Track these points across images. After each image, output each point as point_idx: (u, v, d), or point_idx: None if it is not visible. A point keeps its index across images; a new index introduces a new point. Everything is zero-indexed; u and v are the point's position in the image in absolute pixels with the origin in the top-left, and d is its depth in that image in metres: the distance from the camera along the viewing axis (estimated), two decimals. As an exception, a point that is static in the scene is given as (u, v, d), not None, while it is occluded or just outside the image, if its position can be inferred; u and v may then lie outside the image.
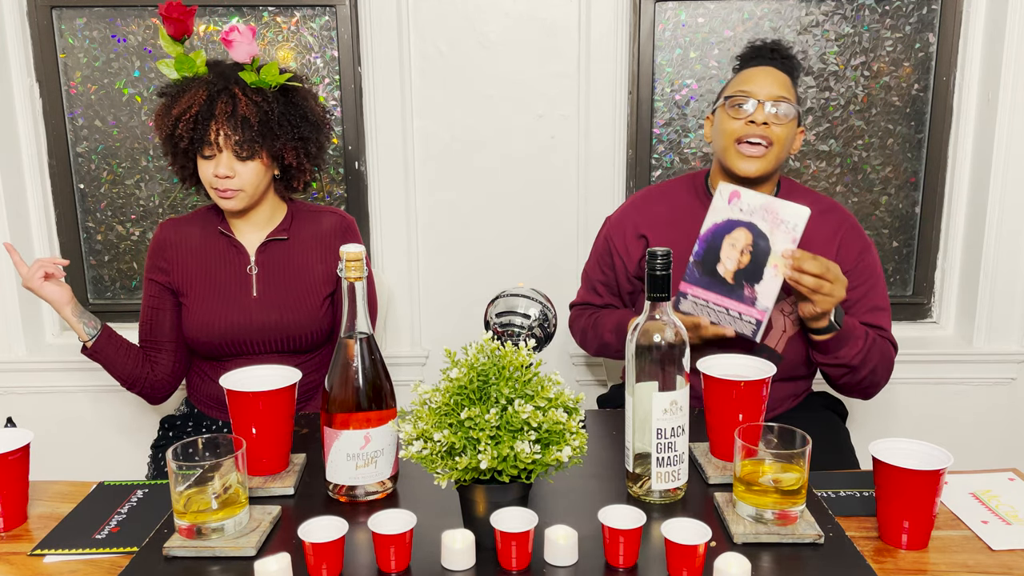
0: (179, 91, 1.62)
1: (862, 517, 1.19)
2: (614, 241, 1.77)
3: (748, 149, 1.60)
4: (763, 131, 1.59)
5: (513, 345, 1.07)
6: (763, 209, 1.50)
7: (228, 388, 1.22)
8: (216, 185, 1.62)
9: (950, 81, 2.27)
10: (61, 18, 2.27)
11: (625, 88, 2.23)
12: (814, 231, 1.62)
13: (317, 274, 1.72)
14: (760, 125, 1.58)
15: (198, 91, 1.59)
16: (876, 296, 1.66)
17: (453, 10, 2.17)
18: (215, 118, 1.58)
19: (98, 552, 1.13)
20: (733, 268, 1.52)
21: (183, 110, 1.58)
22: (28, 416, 2.30)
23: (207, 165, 1.62)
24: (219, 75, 1.62)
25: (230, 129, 1.58)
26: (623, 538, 1.01)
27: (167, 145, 1.66)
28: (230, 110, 1.58)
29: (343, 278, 1.17)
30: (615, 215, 1.82)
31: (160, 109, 1.65)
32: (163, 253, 1.72)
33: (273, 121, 1.62)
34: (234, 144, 1.59)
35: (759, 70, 1.64)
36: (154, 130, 1.68)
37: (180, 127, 1.59)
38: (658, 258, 1.13)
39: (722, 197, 1.54)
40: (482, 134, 2.24)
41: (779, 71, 1.65)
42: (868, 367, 1.59)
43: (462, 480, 1.03)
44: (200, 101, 1.58)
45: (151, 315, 1.73)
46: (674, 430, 1.15)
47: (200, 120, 1.58)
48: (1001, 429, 2.37)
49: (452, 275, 2.33)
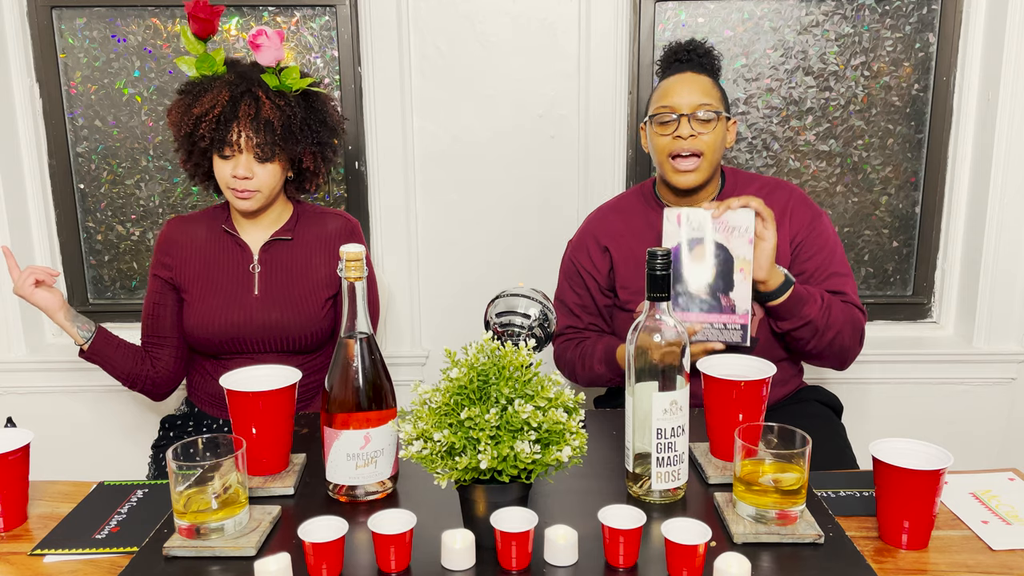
0: (201, 90, 1.62)
1: (862, 517, 1.19)
2: (579, 260, 1.79)
3: (681, 163, 1.64)
4: (691, 144, 1.63)
5: (513, 345, 1.07)
6: (712, 221, 1.53)
7: (228, 388, 1.22)
8: (234, 185, 1.63)
9: (950, 81, 2.27)
10: (61, 18, 2.27)
11: (625, 88, 2.23)
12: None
13: (320, 276, 1.72)
14: (688, 139, 1.62)
15: (221, 91, 1.60)
16: (834, 263, 1.69)
17: (453, 10, 2.17)
18: (238, 120, 1.59)
19: (98, 552, 1.13)
20: (708, 281, 1.53)
21: (205, 110, 1.59)
22: (28, 416, 2.30)
23: (225, 165, 1.63)
24: (241, 76, 1.62)
25: (252, 131, 1.60)
26: (623, 538, 1.01)
27: (184, 143, 1.66)
28: (253, 112, 1.59)
29: (343, 278, 1.17)
30: (574, 237, 1.85)
31: (179, 107, 1.64)
32: (168, 249, 1.73)
33: (295, 126, 1.63)
34: (255, 146, 1.60)
35: (677, 79, 1.67)
36: (170, 127, 1.67)
37: (202, 127, 1.59)
38: (658, 258, 1.13)
39: (670, 222, 1.56)
40: (482, 134, 2.24)
41: (697, 74, 1.67)
42: (834, 328, 1.60)
43: (462, 480, 1.03)
44: (223, 102, 1.59)
45: (154, 311, 1.73)
46: (674, 430, 1.15)
47: (223, 121, 1.59)
48: (1001, 429, 2.37)
49: (452, 275, 2.33)
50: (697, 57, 1.70)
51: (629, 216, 1.78)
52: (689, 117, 1.62)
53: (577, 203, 2.26)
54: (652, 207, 1.76)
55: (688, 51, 1.71)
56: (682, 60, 1.71)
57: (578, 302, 1.80)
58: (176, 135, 1.66)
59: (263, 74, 1.64)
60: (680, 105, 1.63)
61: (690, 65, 1.69)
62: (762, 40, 2.26)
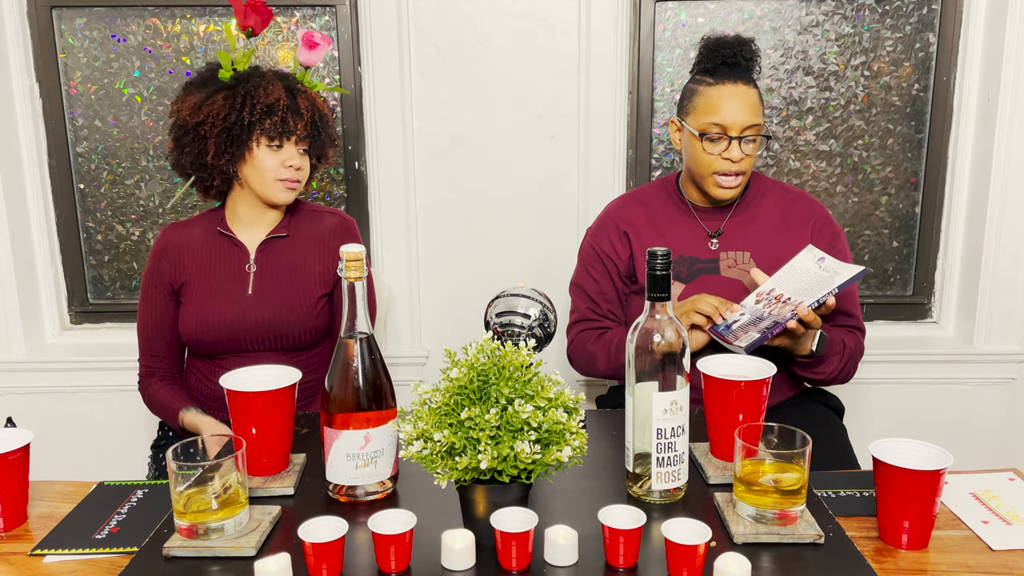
0: (252, 84, 1.63)
1: (862, 517, 1.19)
2: (600, 245, 1.78)
3: (725, 180, 1.65)
4: (739, 167, 1.64)
5: (513, 345, 1.07)
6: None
7: (228, 388, 1.22)
8: (285, 176, 1.65)
9: (950, 81, 2.27)
10: (61, 18, 2.27)
11: (625, 88, 2.23)
12: (788, 215, 1.73)
13: (314, 273, 1.72)
14: (736, 162, 1.63)
15: (273, 83, 1.63)
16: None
17: (453, 10, 2.17)
18: (299, 112, 1.64)
19: (98, 552, 1.13)
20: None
21: (271, 101, 1.61)
22: (28, 416, 2.30)
23: (273, 156, 1.64)
24: (279, 74, 1.68)
25: (309, 124, 1.66)
26: (623, 538, 1.01)
27: (223, 132, 1.62)
28: (307, 105, 1.65)
29: (343, 278, 1.17)
30: (594, 224, 1.84)
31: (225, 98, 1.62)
32: (165, 255, 1.72)
33: (332, 123, 1.73)
34: (309, 139, 1.67)
35: (728, 93, 1.61)
36: (209, 116, 1.62)
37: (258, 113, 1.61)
38: (658, 258, 1.13)
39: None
40: (482, 134, 2.24)
41: (748, 87, 1.63)
42: (843, 372, 1.67)
43: (462, 480, 1.03)
44: (281, 93, 1.63)
45: (155, 332, 1.73)
46: (674, 430, 1.15)
47: (287, 111, 1.63)
48: (1001, 429, 2.37)
49: (452, 275, 2.33)
50: (745, 61, 1.65)
51: (652, 208, 1.78)
52: (740, 140, 1.61)
53: (577, 203, 2.26)
54: (675, 203, 1.77)
55: (735, 53, 1.64)
56: (729, 64, 1.64)
57: (596, 288, 1.79)
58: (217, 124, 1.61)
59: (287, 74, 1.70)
60: (732, 125, 1.61)
61: (738, 72, 1.63)
62: (762, 40, 2.26)
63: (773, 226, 1.72)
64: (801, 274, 1.56)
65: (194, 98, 1.65)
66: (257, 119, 1.61)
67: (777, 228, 1.72)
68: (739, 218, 1.74)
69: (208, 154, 1.64)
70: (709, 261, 1.71)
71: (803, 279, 1.55)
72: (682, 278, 1.70)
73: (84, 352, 2.38)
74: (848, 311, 1.70)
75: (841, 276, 1.52)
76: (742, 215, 1.74)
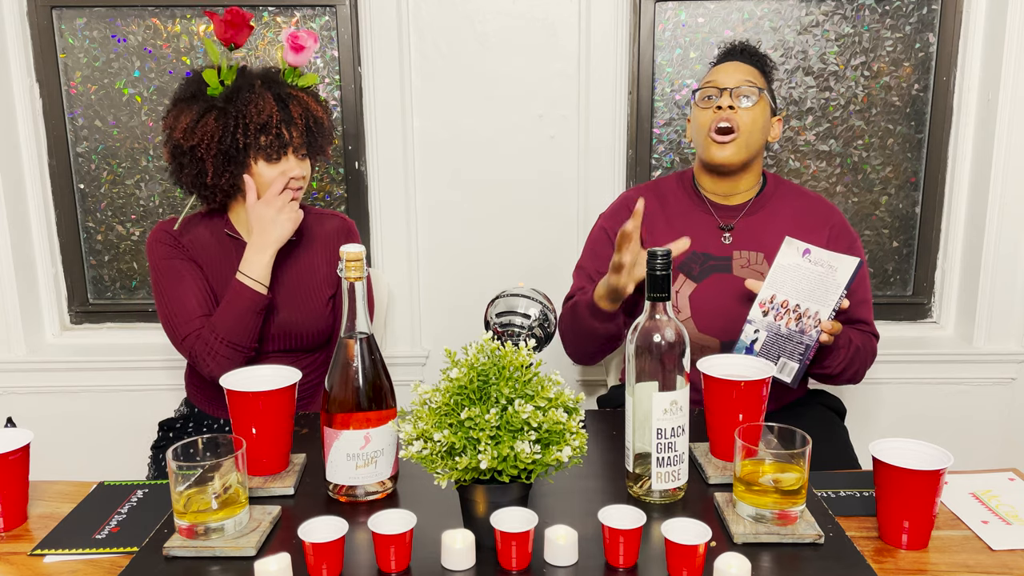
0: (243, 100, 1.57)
1: (862, 517, 1.19)
2: (612, 228, 1.78)
3: (718, 137, 1.67)
4: (728, 115, 1.65)
5: (513, 345, 1.07)
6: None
7: (228, 388, 1.22)
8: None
9: (950, 81, 2.27)
10: (61, 18, 2.27)
11: (625, 88, 2.23)
12: (804, 219, 1.72)
13: (322, 275, 1.73)
14: (726, 109, 1.65)
15: (263, 97, 1.58)
16: (861, 290, 1.70)
17: (453, 10, 2.17)
18: (293, 122, 1.61)
19: (98, 552, 1.13)
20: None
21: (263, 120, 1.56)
22: (28, 416, 2.30)
23: (273, 167, 1.61)
24: (268, 79, 1.63)
25: (305, 131, 1.63)
26: (623, 538, 1.01)
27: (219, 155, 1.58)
28: (300, 111, 1.62)
29: (343, 278, 1.17)
30: (608, 210, 1.85)
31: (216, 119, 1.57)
32: (178, 242, 1.69)
33: (328, 121, 1.69)
34: (307, 145, 1.64)
35: (726, 64, 1.73)
36: (204, 139, 1.57)
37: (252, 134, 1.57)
38: (658, 258, 1.13)
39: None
40: (482, 134, 2.24)
41: (746, 64, 1.72)
42: (851, 369, 1.64)
43: (462, 480, 1.03)
44: (272, 107, 1.58)
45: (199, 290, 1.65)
46: (674, 430, 1.15)
47: (280, 125, 1.59)
48: (1001, 429, 2.37)
49: (452, 275, 2.33)
50: (749, 54, 1.75)
51: (666, 199, 1.79)
52: (731, 91, 1.66)
53: (577, 203, 2.26)
54: (690, 196, 1.78)
55: (743, 49, 1.77)
56: (735, 54, 1.76)
57: (596, 268, 1.77)
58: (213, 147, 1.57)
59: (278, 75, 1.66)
60: (724, 81, 1.68)
61: (742, 57, 1.74)
62: (762, 40, 2.26)
63: (789, 229, 1.69)
64: (794, 272, 1.54)
65: (186, 118, 1.60)
66: (252, 139, 1.58)
67: (792, 232, 1.66)
68: (754, 216, 1.73)
69: (207, 175, 1.62)
70: (722, 259, 1.70)
71: (800, 278, 1.53)
72: (694, 276, 1.69)
73: (84, 352, 2.38)
74: (863, 318, 1.69)
75: (840, 271, 1.50)
76: (758, 213, 1.73)
